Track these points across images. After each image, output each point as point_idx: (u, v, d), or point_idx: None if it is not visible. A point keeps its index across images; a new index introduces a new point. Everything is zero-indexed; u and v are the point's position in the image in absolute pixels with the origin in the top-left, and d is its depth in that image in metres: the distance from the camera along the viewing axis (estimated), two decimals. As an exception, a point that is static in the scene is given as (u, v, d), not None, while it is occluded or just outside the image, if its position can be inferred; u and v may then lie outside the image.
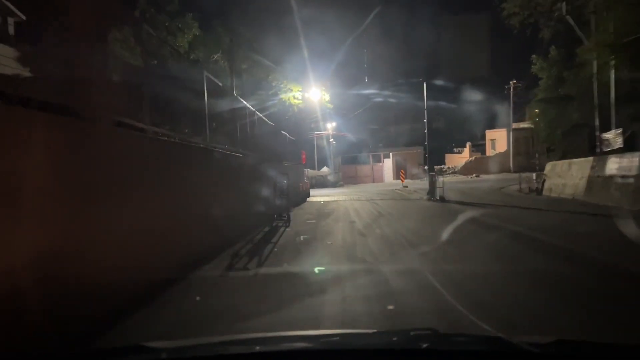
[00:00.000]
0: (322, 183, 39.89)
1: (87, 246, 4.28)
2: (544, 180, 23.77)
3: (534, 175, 25.20)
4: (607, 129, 19.08)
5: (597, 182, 17.56)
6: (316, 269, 6.73)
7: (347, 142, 51.08)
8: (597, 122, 19.64)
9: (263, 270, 6.93)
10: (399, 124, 58.37)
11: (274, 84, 30.11)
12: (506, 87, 43.80)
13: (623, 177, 15.84)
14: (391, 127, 58.77)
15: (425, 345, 1.73)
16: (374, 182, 47.19)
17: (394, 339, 1.90)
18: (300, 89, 31.84)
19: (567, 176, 20.93)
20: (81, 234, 4.20)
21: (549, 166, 24.34)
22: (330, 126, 44.86)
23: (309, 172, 35.64)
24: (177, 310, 4.97)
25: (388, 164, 47.44)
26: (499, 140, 47.37)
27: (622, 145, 18.08)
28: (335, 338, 2.05)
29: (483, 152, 50.11)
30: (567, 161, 21.58)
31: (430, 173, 20.64)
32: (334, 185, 40.43)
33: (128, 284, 4.89)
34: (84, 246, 4.23)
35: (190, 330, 4.30)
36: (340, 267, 6.89)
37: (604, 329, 4.01)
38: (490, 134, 49.63)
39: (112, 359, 1.83)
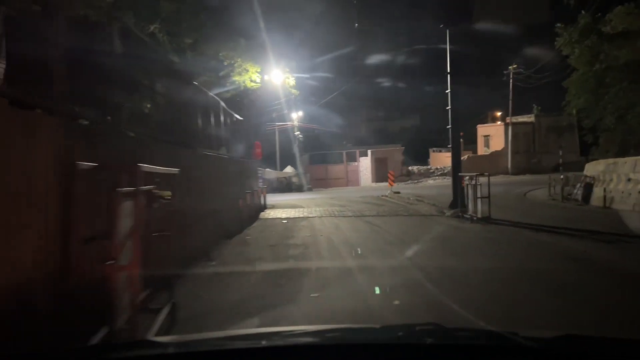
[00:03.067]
0: (285, 187, 31.98)
1: None
2: (591, 185, 16.73)
3: (561, 177, 18.58)
4: None
5: None
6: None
7: (316, 137, 43.45)
8: None
9: None
10: (376, 119, 51.29)
11: (225, 63, 22.75)
12: (505, 72, 37.13)
13: None
14: (365, 123, 51.57)
15: (430, 341, 1.72)
16: (348, 185, 39.65)
17: (399, 333, 1.88)
18: (258, 70, 24.36)
19: (653, 180, 13.83)
20: None
21: (599, 165, 17.74)
22: (296, 117, 36.82)
23: (266, 172, 27.77)
24: None
25: (365, 164, 39.85)
26: (494, 136, 40.59)
27: None
28: (340, 333, 1.98)
29: (474, 150, 43.19)
30: (649, 157, 14.52)
31: (460, 175, 12.99)
32: (301, 189, 32.59)
33: None
34: None
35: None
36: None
37: None
38: (482, 130, 42.80)
39: (120, 354, 1.74)
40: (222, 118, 10.59)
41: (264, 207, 15.99)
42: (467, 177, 12.84)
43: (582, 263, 6.62)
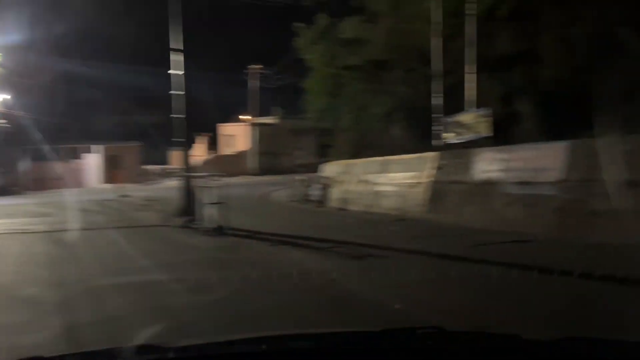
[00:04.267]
0: (-24, 190, 24.51)
1: None
2: (327, 186, 16.81)
3: (297, 179, 18.71)
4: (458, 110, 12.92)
5: (455, 191, 11.06)
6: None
7: (33, 128, 35.54)
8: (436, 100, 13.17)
9: None
10: (115, 113, 45.33)
11: None
12: (244, 72, 36.81)
13: (522, 183, 9.50)
14: (102, 117, 45.19)
15: (432, 344, 1.71)
16: (71, 186, 33.46)
17: (401, 337, 1.83)
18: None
19: (383, 182, 13.93)
20: None
21: (334, 166, 18.00)
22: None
23: None
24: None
25: (94, 162, 34.28)
26: (238, 137, 39.95)
27: (490, 134, 12.15)
28: (342, 337, 1.96)
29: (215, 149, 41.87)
30: (379, 159, 15.23)
31: (192, 175, 10.54)
32: (1, 192, 25.65)
33: None
34: None
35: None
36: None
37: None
38: (224, 129, 41.65)
39: (119, 359, 1.67)
40: None
41: None
42: (202, 179, 10.56)
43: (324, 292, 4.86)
